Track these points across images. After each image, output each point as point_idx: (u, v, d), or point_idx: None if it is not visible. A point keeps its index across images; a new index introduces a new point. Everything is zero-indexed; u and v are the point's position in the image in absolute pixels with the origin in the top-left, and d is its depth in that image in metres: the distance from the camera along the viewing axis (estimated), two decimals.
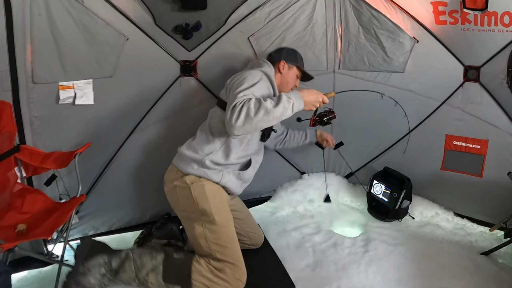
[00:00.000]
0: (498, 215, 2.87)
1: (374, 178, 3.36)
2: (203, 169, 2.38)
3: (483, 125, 2.97)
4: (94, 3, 2.55)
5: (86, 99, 2.73)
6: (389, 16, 3.00)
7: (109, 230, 3.11)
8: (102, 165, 2.94)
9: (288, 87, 2.68)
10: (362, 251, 2.79)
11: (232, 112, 2.02)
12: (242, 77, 2.29)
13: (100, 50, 2.67)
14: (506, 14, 2.61)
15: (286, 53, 2.73)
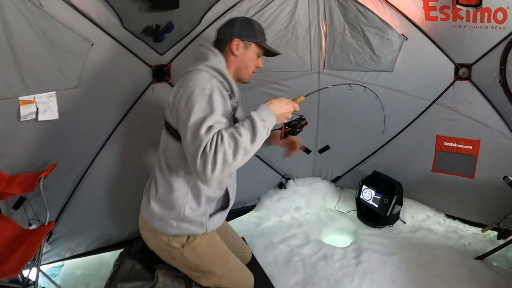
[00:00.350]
0: (490, 216, 2.78)
1: (363, 183, 3.17)
2: (183, 224, 1.98)
3: (474, 125, 2.82)
4: (53, 6, 2.20)
5: (50, 114, 2.39)
6: (377, 12, 2.76)
7: (87, 251, 2.81)
8: (73, 184, 2.63)
9: (248, 71, 2.06)
10: (354, 263, 2.62)
11: (204, 161, 1.52)
12: (189, 96, 1.68)
13: (62, 58, 2.32)
14: (500, 11, 2.43)
15: (240, 27, 2.01)
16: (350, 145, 3.31)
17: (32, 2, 2.12)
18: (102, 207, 2.80)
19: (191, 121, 1.62)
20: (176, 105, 1.76)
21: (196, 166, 1.54)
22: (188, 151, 1.60)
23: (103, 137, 2.63)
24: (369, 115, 3.03)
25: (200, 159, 1.53)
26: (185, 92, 1.73)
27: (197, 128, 1.59)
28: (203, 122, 1.60)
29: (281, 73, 2.96)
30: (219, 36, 2.05)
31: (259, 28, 2.08)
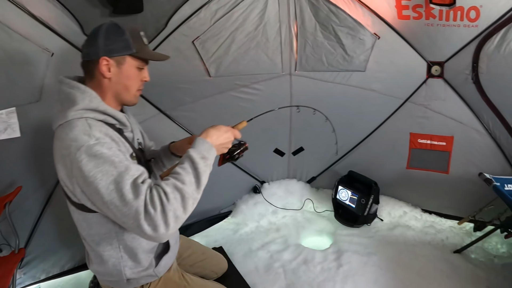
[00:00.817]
0: (465, 209, 2.74)
1: (339, 183, 3.04)
2: (132, 281, 1.65)
3: (447, 122, 2.72)
4: (8, 15, 1.91)
5: (11, 132, 2.11)
6: (349, 11, 2.56)
7: (62, 271, 2.56)
8: (41, 203, 2.37)
9: (131, 92, 1.55)
10: (335, 265, 2.49)
11: (153, 224, 1.21)
12: (80, 167, 1.24)
13: (20, 71, 2.04)
14: (473, 9, 2.32)
15: (105, 39, 1.46)
16: (324, 145, 3.09)
17: None
18: (73, 225, 2.45)
19: (105, 196, 1.25)
20: (75, 182, 1.31)
21: (145, 232, 1.23)
22: (125, 223, 1.26)
23: None
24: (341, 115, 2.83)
25: (146, 225, 1.22)
26: (73, 163, 1.28)
27: (120, 198, 1.24)
28: (119, 187, 1.25)
29: (251, 76, 2.74)
30: (84, 57, 1.51)
31: (133, 33, 1.52)
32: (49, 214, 2.41)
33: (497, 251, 2.58)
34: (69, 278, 2.57)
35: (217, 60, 2.58)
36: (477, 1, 2.30)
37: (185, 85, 2.59)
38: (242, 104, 2.81)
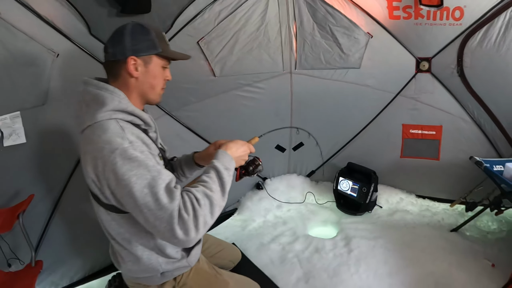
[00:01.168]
0: (456, 192, 2.89)
1: (340, 174, 3.07)
2: (166, 273, 1.63)
3: (436, 113, 2.85)
4: (13, 13, 1.75)
5: (16, 138, 1.93)
6: (344, 12, 2.62)
7: (72, 283, 2.35)
8: (48, 211, 2.17)
9: (156, 91, 1.52)
10: (346, 251, 2.53)
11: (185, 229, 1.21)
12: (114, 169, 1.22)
13: (25, 72, 1.87)
14: (457, 9, 2.47)
15: (132, 39, 1.42)
16: (323, 139, 3.17)
17: None
18: (82, 232, 2.33)
19: (140, 199, 1.23)
20: (105, 183, 1.29)
21: (177, 236, 1.22)
22: (156, 226, 1.24)
23: (75, 158, 2.16)
24: (339, 110, 2.97)
25: (179, 229, 1.22)
26: (106, 166, 1.26)
27: (155, 202, 1.22)
28: (154, 191, 1.23)
29: (254, 75, 2.72)
30: (109, 57, 1.45)
31: (157, 34, 1.50)
32: (56, 224, 2.22)
33: (489, 228, 2.74)
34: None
35: (221, 60, 2.54)
36: (461, 2, 2.44)
37: (190, 85, 2.52)
38: (245, 103, 2.78)
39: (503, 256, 2.40)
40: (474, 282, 2.22)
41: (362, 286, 2.25)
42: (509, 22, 2.40)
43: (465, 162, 2.65)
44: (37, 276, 1.82)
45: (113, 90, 1.40)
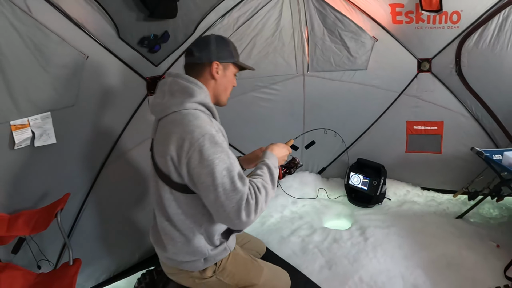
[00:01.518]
0: (458, 183, 2.99)
1: (351, 170, 3.14)
2: (210, 258, 1.70)
3: (437, 109, 2.96)
4: (45, 15, 1.73)
5: (47, 138, 1.87)
6: (351, 17, 2.74)
7: (98, 284, 2.28)
8: (75, 212, 2.11)
9: (227, 93, 1.73)
10: (362, 239, 2.59)
11: (247, 211, 1.35)
12: (201, 150, 1.36)
13: (56, 74, 1.84)
14: (455, 13, 2.61)
15: (217, 47, 1.64)
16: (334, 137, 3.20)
17: (22, 10, 1.62)
18: (107, 233, 2.30)
19: (218, 179, 1.36)
20: (185, 161, 1.40)
21: (240, 217, 1.35)
22: (223, 205, 1.36)
23: (102, 157, 2.15)
24: (348, 108, 3.05)
25: (244, 211, 1.36)
26: (192, 146, 1.39)
27: (231, 182, 1.37)
28: (231, 174, 1.38)
29: (270, 78, 2.81)
30: (195, 60, 1.63)
31: (234, 46, 1.74)
32: (82, 224, 2.17)
33: (491, 214, 2.87)
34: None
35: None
36: (458, 6, 2.59)
37: None
38: (262, 104, 2.86)
39: (506, 237, 2.52)
40: (482, 261, 2.33)
41: (381, 269, 2.31)
42: (502, 24, 2.55)
43: (466, 154, 2.78)
44: (77, 274, 1.74)
45: (202, 86, 1.58)
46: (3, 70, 1.66)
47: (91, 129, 2.07)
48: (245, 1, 2.52)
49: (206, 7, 2.35)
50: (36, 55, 1.76)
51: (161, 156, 1.49)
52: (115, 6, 1.98)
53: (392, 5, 2.68)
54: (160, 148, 1.50)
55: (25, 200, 1.89)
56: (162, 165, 1.51)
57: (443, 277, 2.22)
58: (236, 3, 2.48)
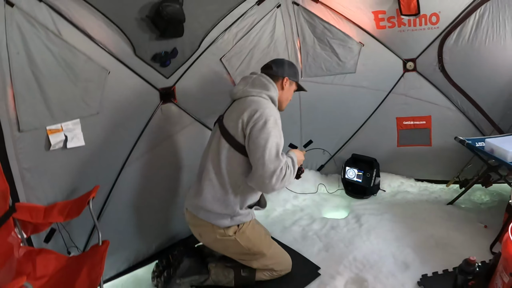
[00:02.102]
0: (449, 173, 3.03)
1: (346, 165, 3.23)
2: (237, 217, 2.04)
3: (425, 105, 3.02)
4: (73, 37, 1.96)
5: (77, 141, 2.07)
6: (338, 26, 2.89)
7: (118, 273, 2.42)
8: (98, 208, 2.27)
9: (286, 102, 2.24)
10: (357, 225, 2.67)
11: (277, 178, 1.79)
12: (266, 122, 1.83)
13: (84, 87, 2.05)
14: (434, 15, 2.71)
15: (288, 68, 2.20)
16: (329, 136, 3.30)
17: (54, 33, 1.86)
18: (127, 227, 2.46)
19: (269, 145, 1.81)
20: (251, 124, 1.87)
21: (271, 180, 1.79)
22: (264, 165, 1.79)
23: (122, 159, 2.33)
24: (340, 109, 3.14)
25: (275, 176, 1.79)
26: (261, 117, 1.87)
27: (276, 152, 1.83)
28: (278, 147, 1.85)
29: None
30: (272, 72, 2.14)
31: (298, 71, 2.31)
32: (105, 218, 2.32)
33: (482, 200, 2.88)
34: (127, 277, 2.42)
35: (241, 73, 2.73)
36: (436, 8, 2.70)
37: (216, 96, 2.67)
38: None
39: (494, 219, 2.52)
40: (469, 240, 2.37)
41: (374, 249, 2.38)
42: (479, 21, 2.65)
43: (454, 145, 2.78)
44: (106, 252, 1.85)
45: (276, 87, 2.10)
46: (40, 84, 1.88)
47: (113, 133, 2.26)
48: (243, 18, 2.67)
49: (208, 25, 2.54)
50: (67, 71, 1.98)
51: (233, 121, 1.95)
52: (131, 28, 2.20)
53: (375, 12, 2.81)
54: (235, 116, 1.96)
55: (58, 194, 2.07)
56: (231, 128, 1.95)
57: (432, 255, 2.28)
58: (235, 20, 2.64)
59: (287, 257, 2.27)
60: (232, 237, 2.01)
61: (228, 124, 1.99)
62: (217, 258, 2.28)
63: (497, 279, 1.79)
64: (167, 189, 2.61)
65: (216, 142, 2.04)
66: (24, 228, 1.89)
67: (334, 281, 2.18)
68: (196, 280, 2.15)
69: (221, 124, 2.05)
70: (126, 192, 2.41)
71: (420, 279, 2.10)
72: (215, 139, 2.05)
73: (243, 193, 2.02)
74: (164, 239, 2.65)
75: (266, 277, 2.20)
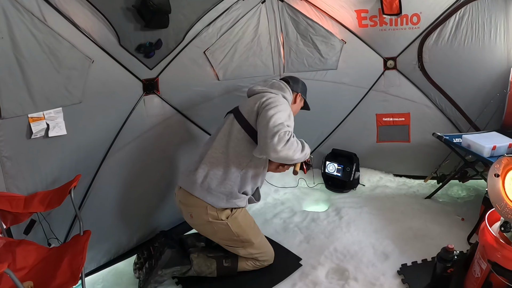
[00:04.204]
0: (427, 169, 3.23)
1: (326, 159, 3.41)
2: (232, 200, 2.22)
3: (404, 102, 3.24)
4: (58, 24, 2.02)
5: (59, 130, 2.13)
6: (321, 23, 3.07)
7: (99, 266, 2.51)
8: (79, 199, 2.35)
9: (295, 113, 2.54)
10: (337, 218, 2.85)
11: (278, 139, 1.97)
12: (277, 106, 2.13)
13: (67, 75, 2.11)
14: (415, 15, 2.93)
15: (302, 86, 2.61)
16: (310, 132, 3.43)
17: (39, 19, 1.92)
18: (108, 219, 2.54)
19: (277, 115, 2.06)
20: (265, 104, 2.16)
21: (273, 140, 1.96)
22: (268, 128, 2.01)
23: (104, 149, 2.42)
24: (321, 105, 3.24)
25: (277, 137, 1.97)
26: (276, 102, 2.18)
27: (281, 122, 2.03)
28: (284, 122, 2.06)
29: (250, 79, 3.05)
30: (290, 87, 2.46)
31: (306, 89, 2.67)
32: (86, 210, 2.40)
33: (459, 195, 3.13)
34: (108, 271, 2.52)
35: (224, 67, 2.89)
36: (417, 9, 2.93)
37: (198, 88, 2.83)
38: None
39: (471, 213, 2.75)
40: (446, 232, 2.57)
41: (354, 240, 2.57)
42: (459, 22, 2.88)
43: (432, 141, 3.01)
44: (88, 241, 1.94)
45: (290, 92, 2.44)
46: (23, 70, 1.93)
47: (96, 123, 2.33)
48: (227, 12, 2.80)
49: (193, 17, 2.66)
50: (51, 58, 2.03)
51: (249, 105, 2.25)
52: (116, 17, 2.27)
53: (358, 11, 3.00)
54: (252, 102, 2.25)
55: (39, 183, 2.13)
56: (246, 112, 2.24)
57: (410, 246, 2.47)
58: (219, 14, 2.77)
59: (271, 249, 2.44)
60: (224, 221, 2.16)
61: (243, 109, 2.30)
62: (199, 248, 2.40)
63: (475, 267, 1.98)
64: (148, 180, 2.70)
65: (228, 124, 2.31)
66: (3, 218, 1.94)
67: (315, 271, 2.34)
68: (178, 271, 2.26)
69: (236, 110, 2.34)
70: (108, 183, 2.49)
71: (399, 268, 2.28)
72: (227, 122, 2.32)
73: (244, 177, 2.23)
74: (146, 232, 2.76)
75: (249, 267, 2.35)
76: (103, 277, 2.47)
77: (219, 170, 2.18)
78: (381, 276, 2.23)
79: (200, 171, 2.19)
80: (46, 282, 1.75)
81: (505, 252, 1.75)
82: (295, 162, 2.21)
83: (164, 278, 2.27)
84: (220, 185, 2.16)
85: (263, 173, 2.34)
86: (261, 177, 2.35)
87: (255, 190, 2.39)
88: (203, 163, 2.20)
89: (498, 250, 1.78)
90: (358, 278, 2.24)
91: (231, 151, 2.21)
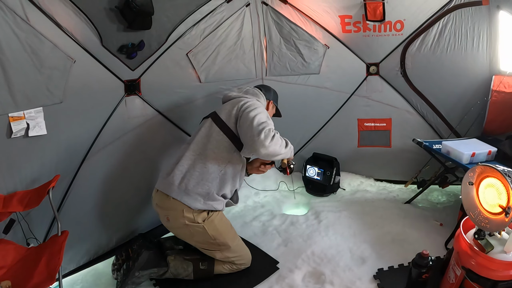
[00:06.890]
0: (408, 174, 3.40)
1: (307, 163, 3.60)
2: (209, 202, 2.38)
3: (385, 108, 3.43)
4: (40, 24, 2.13)
5: (39, 129, 2.24)
6: (305, 28, 3.25)
7: (78, 266, 2.63)
8: (59, 199, 2.47)
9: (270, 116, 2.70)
10: (316, 222, 3.03)
11: (265, 136, 2.19)
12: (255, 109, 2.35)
13: (49, 74, 2.23)
14: (398, 22, 3.12)
15: (273, 94, 2.86)
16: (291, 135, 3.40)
17: (22, 18, 2.03)
18: (87, 220, 2.67)
19: (258, 116, 2.28)
20: (244, 108, 2.37)
21: (260, 136, 2.18)
22: (253, 127, 2.22)
23: (84, 150, 2.55)
24: (303, 109, 3.49)
25: (263, 133, 2.19)
26: (253, 105, 2.40)
27: (263, 122, 2.26)
28: (265, 121, 2.28)
29: (232, 82, 3.24)
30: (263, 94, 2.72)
31: (277, 97, 2.94)
32: (65, 210, 2.51)
33: (439, 200, 3.34)
34: (87, 271, 2.65)
35: (206, 69, 3.06)
36: (401, 16, 3.10)
37: (180, 89, 2.99)
38: None
39: (450, 218, 2.95)
40: (425, 237, 2.75)
41: (332, 244, 2.74)
42: (442, 30, 3.07)
43: (413, 147, 3.19)
44: (65, 242, 2.06)
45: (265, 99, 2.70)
46: (5, 69, 2.03)
47: (76, 124, 2.45)
48: (211, 14, 2.97)
49: (176, 19, 2.81)
50: (32, 57, 2.14)
51: (227, 110, 2.46)
52: (99, 18, 2.39)
53: (342, 16, 3.19)
54: (229, 106, 2.47)
55: (18, 183, 2.23)
56: (224, 115, 2.45)
57: (388, 250, 2.64)
58: (203, 16, 2.93)
59: (248, 253, 2.59)
60: (200, 224, 2.30)
61: (221, 113, 2.50)
62: (176, 251, 2.54)
63: (450, 272, 2.13)
64: (129, 182, 2.84)
65: (206, 127, 2.49)
66: None
67: (292, 274, 2.48)
68: (155, 272, 2.40)
69: (214, 114, 2.53)
70: (87, 183, 2.62)
71: (376, 273, 2.42)
72: (206, 126, 2.50)
73: (223, 178, 2.41)
74: (125, 233, 2.91)
75: (226, 270, 2.49)
76: (82, 278, 2.60)
77: (196, 171, 2.33)
78: (357, 280, 2.39)
79: (177, 172, 2.33)
80: (24, 282, 1.88)
81: (479, 259, 1.89)
82: (281, 158, 2.45)
83: (141, 279, 2.40)
84: (197, 186, 2.31)
85: (241, 173, 2.51)
86: (239, 177, 2.51)
87: (234, 192, 2.55)
88: (180, 165, 2.35)
89: (472, 257, 1.92)
90: (334, 282, 2.39)
91: (209, 152, 2.39)
